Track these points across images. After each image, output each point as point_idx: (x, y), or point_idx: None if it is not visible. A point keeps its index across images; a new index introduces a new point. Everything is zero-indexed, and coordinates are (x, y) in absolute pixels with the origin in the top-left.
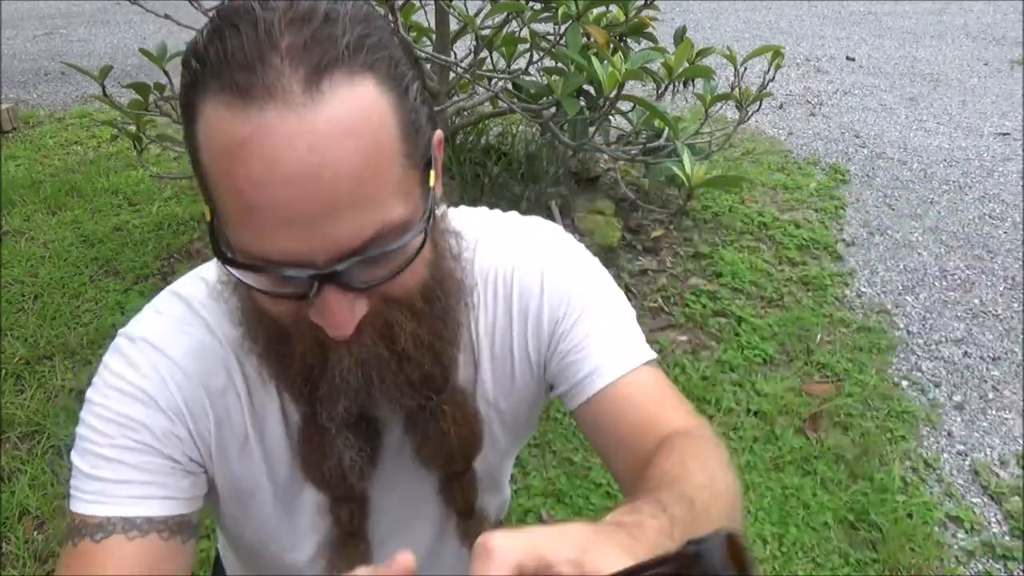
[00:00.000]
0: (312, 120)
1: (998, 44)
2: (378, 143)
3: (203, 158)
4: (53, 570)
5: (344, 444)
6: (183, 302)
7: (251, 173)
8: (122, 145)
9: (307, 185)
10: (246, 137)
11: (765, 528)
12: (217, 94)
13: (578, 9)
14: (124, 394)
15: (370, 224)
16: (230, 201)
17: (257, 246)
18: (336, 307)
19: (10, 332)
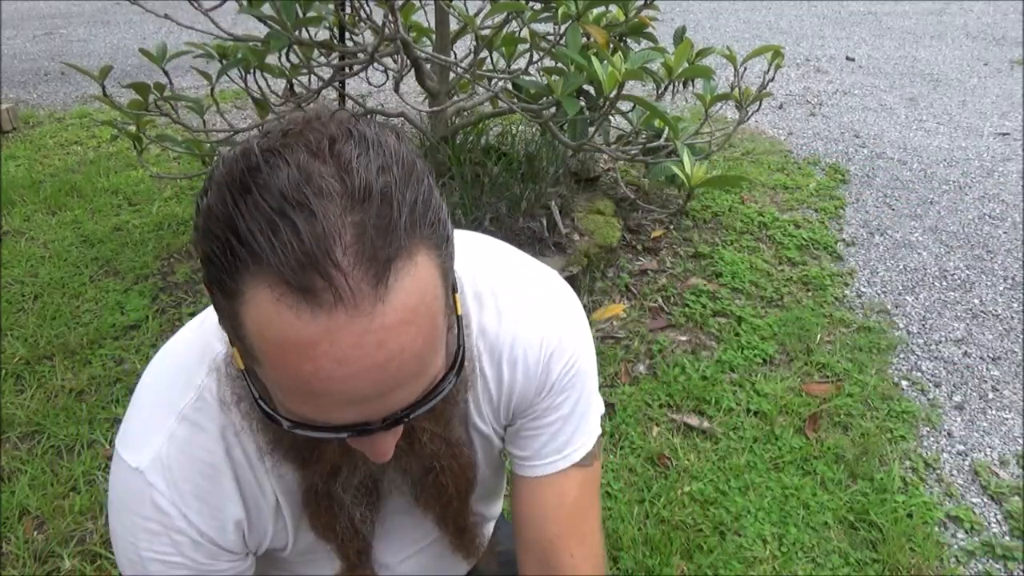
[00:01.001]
0: (381, 319)
1: (998, 44)
2: (433, 317)
3: (252, 337)
4: (53, 570)
5: (353, 503)
6: (181, 418)
7: (319, 371)
8: (122, 145)
9: (373, 374)
10: (314, 340)
11: (765, 528)
12: (274, 289)
13: (578, 9)
14: (155, 535)
15: (422, 386)
16: (289, 385)
17: (316, 415)
18: (379, 444)
19: (10, 332)
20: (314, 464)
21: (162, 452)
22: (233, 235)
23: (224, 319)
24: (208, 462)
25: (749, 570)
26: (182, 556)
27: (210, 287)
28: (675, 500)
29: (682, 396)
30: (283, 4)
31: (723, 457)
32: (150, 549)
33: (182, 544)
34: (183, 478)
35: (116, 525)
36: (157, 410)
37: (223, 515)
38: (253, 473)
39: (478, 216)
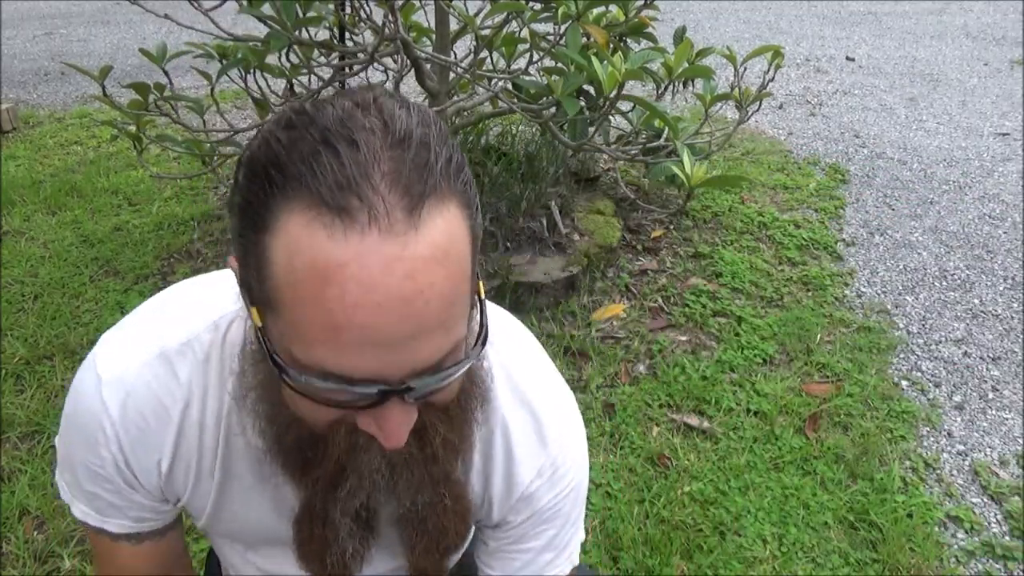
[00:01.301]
0: (413, 247)
1: (998, 44)
2: (463, 267)
3: (279, 271)
4: (53, 570)
5: (347, 534)
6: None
7: (346, 295)
8: (122, 145)
9: (401, 309)
10: (345, 260)
11: (765, 528)
12: (308, 210)
13: (578, 9)
14: (92, 445)
15: (447, 343)
16: (314, 318)
17: (334, 363)
18: (396, 420)
19: (10, 332)
20: (317, 467)
21: (128, 374)
22: (273, 166)
23: (250, 268)
24: (164, 404)
25: (749, 570)
26: (105, 471)
27: (240, 235)
28: (675, 500)
29: (682, 396)
30: (283, 4)
31: (723, 457)
32: (82, 452)
33: (107, 462)
34: (134, 407)
35: (65, 418)
36: (146, 335)
37: (151, 457)
38: (200, 441)
39: None
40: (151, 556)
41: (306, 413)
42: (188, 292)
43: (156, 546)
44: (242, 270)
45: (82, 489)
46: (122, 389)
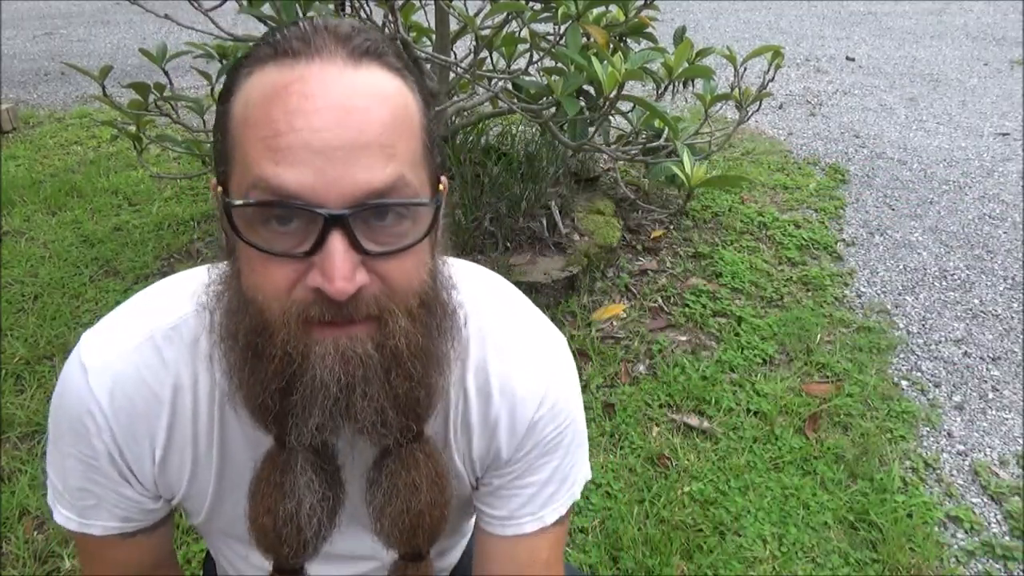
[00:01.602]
0: (351, 77)
1: (998, 44)
2: (407, 113)
3: (236, 116)
4: (53, 570)
5: (307, 487)
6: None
7: (288, 104)
8: (122, 145)
9: (338, 118)
10: (289, 81)
11: (765, 528)
12: (267, 59)
13: (578, 9)
14: (81, 436)
15: (388, 173)
16: (260, 133)
17: (274, 174)
18: (340, 256)
19: (10, 332)
20: (270, 362)
21: (116, 361)
22: (242, 59)
23: (217, 148)
24: (154, 392)
25: (749, 570)
26: (98, 463)
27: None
28: (675, 500)
29: (682, 396)
30: (283, 4)
31: (723, 457)
32: (73, 445)
33: (100, 454)
34: (123, 395)
35: (52, 412)
36: (133, 322)
37: (144, 447)
38: (194, 426)
39: (478, 216)
40: (142, 550)
41: (259, 283)
42: (173, 282)
43: (148, 539)
44: (215, 160)
45: (70, 488)
46: (109, 376)
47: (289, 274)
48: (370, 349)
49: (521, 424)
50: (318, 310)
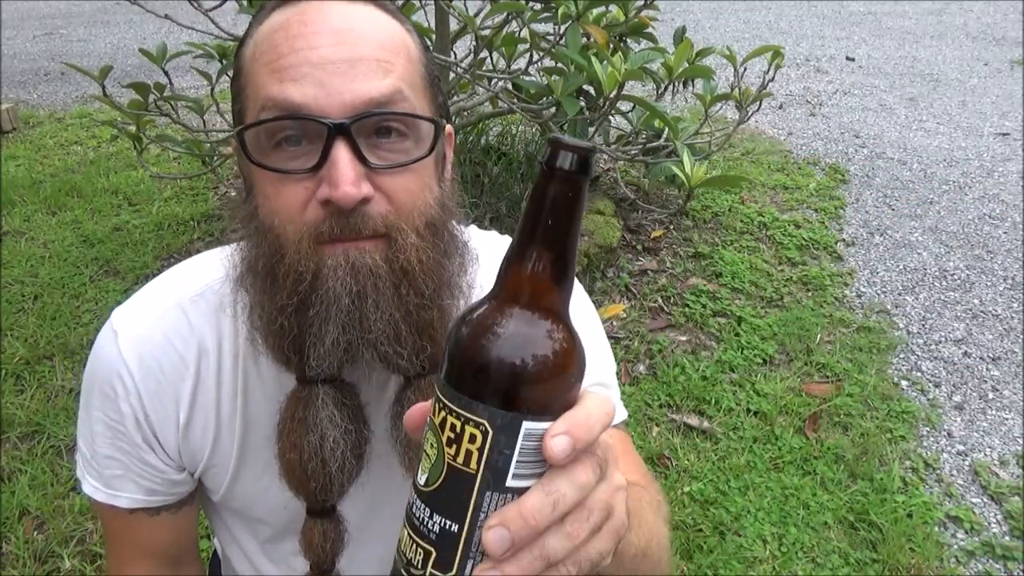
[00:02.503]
0: (347, 8)
1: (998, 44)
2: (403, 42)
3: (247, 57)
4: (53, 570)
5: (328, 420)
6: (179, 310)
7: (289, 31)
8: (122, 145)
9: (335, 36)
10: (290, 16)
11: (765, 528)
12: (273, 10)
13: (578, 9)
14: (110, 399)
15: (387, 84)
16: (266, 61)
17: (279, 91)
18: (344, 163)
19: (10, 332)
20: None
21: (144, 325)
22: (252, 19)
23: (234, 94)
24: (180, 354)
25: (749, 570)
26: (124, 427)
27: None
28: (675, 500)
29: (682, 396)
30: None
31: (723, 457)
32: (101, 408)
33: (127, 417)
34: (151, 357)
35: (85, 377)
36: (162, 291)
37: (169, 409)
38: (217, 389)
39: (478, 216)
40: (168, 529)
41: (274, 207)
42: (198, 258)
43: (173, 519)
44: (233, 113)
45: (98, 456)
46: (138, 340)
47: (300, 193)
48: (379, 261)
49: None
50: (328, 226)
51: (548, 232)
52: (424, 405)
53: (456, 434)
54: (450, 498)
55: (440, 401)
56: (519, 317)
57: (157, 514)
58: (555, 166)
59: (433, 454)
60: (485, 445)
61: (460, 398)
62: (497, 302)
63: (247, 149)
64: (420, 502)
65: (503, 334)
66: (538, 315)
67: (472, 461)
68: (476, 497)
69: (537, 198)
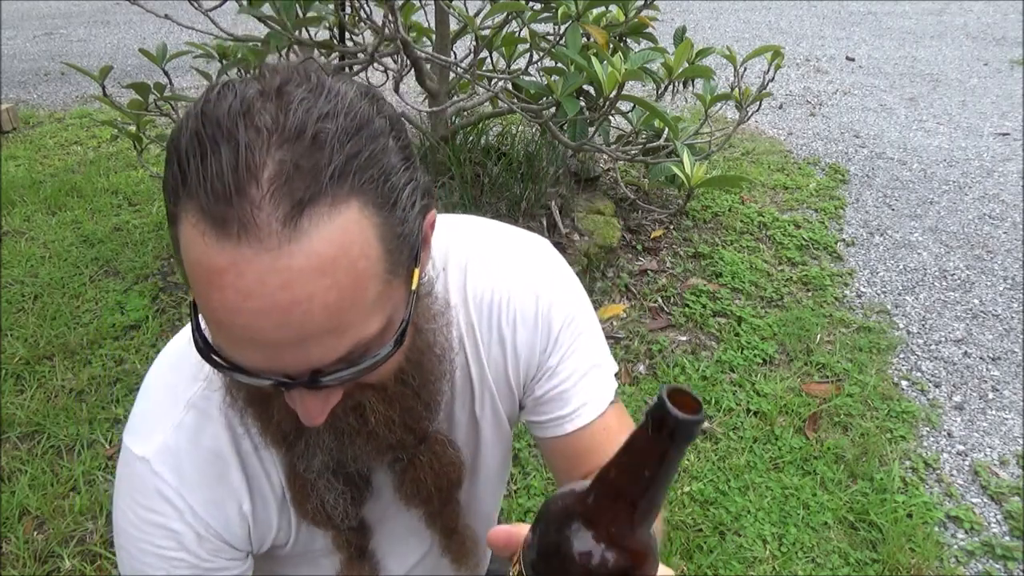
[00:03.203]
0: (288, 259)
1: (998, 44)
2: (356, 274)
3: (185, 264)
4: (53, 570)
5: (325, 487)
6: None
7: (225, 301)
8: (122, 145)
9: (279, 317)
10: (221, 269)
11: (765, 528)
12: (194, 215)
13: (578, 9)
14: (158, 527)
15: (343, 346)
16: (207, 314)
17: (229, 353)
18: (308, 404)
19: (10, 332)
20: (271, 423)
21: (169, 441)
22: (175, 159)
23: (175, 249)
24: (215, 451)
25: (749, 570)
26: (184, 551)
27: (168, 221)
28: (675, 500)
29: None
30: (283, 4)
31: (723, 457)
32: (151, 543)
33: (185, 537)
34: (190, 467)
35: (119, 518)
36: (165, 400)
37: (229, 507)
38: (261, 463)
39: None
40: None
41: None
42: (174, 353)
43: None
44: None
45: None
46: (171, 456)
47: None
48: (353, 423)
49: (530, 320)
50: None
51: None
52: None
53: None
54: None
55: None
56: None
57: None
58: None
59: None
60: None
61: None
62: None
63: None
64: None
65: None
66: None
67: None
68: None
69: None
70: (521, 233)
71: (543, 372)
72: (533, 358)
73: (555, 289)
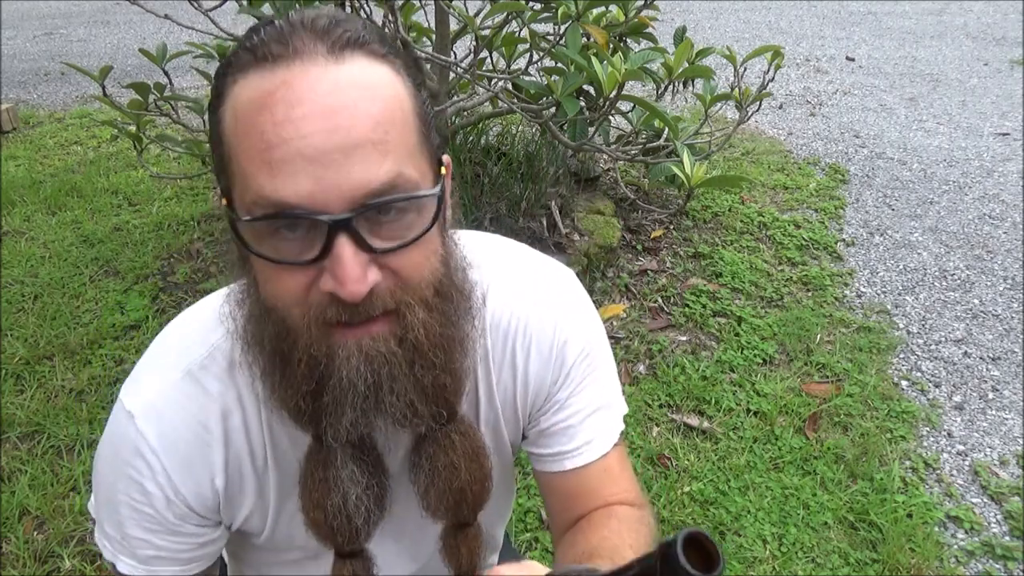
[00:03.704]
0: (335, 74)
1: (998, 44)
2: (397, 102)
3: (227, 127)
4: (53, 570)
5: (350, 479)
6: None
7: (275, 114)
8: (122, 145)
9: (326, 120)
10: (271, 89)
11: (765, 528)
12: (249, 66)
13: (578, 9)
14: (133, 481)
15: (385, 171)
16: (252, 147)
17: (272, 189)
18: (349, 260)
19: (10, 332)
20: (296, 366)
21: (159, 401)
22: (225, 63)
23: (213, 139)
24: (202, 422)
25: (749, 570)
26: (152, 509)
27: (210, 140)
28: (675, 500)
29: (682, 396)
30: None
31: (723, 457)
32: (125, 493)
33: (155, 498)
34: (173, 431)
35: (99, 461)
36: (166, 360)
37: (202, 479)
38: (248, 442)
39: (478, 216)
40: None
41: (275, 292)
42: (195, 313)
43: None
44: (216, 171)
45: (128, 538)
46: (156, 417)
47: (302, 279)
48: (392, 346)
49: (545, 349)
50: (335, 311)
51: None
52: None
53: None
54: None
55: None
56: None
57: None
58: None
59: None
60: None
61: None
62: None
63: (242, 237)
64: None
65: None
66: None
67: None
68: None
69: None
70: (547, 260)
71: (551, 404)
72: (543, 389)
73: (574, 322)
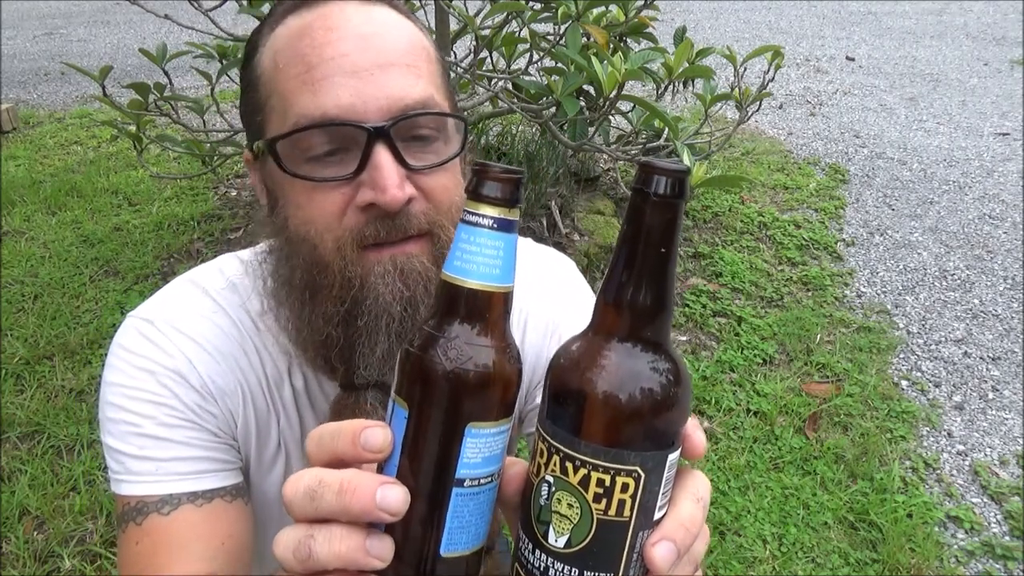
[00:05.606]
0: (367, 12)
1: (998, 44)
2: (422, 43)
3: (266, 68)
4: (53, 570)
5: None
6: (199, 288)
7: (315, 39)
8: (122, 145)
9: (362, 40)
10: (310, 23)
11: (765, 528)
12: (287, 13)
13: (578, 9)
14: (152, 373)
15: (419, 90)
16: (294, 72)
17: (315, 106)
18: (388, 165)
19: (10, 332)
20: (330, 297)
21: (178, 314)
22: (260, 24)
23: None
24: (225, 331)
25: (749, 570)
26: (176, 399)
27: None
28: None
29: None
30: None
31: (723, 457)
32: (145, 389)
33: (187, 391)
34: (196, 332)
35: (110, 376)
36: (185, 288)
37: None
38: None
39: None
40: (218, 528)
41: (309, 216)
42: (215, 261)
43: (226, 513)
44: (245, 124)
45: (150, 438)
46: (180, 320)
47: (337, 200)
48: (427, 263)
49: (541, 325)
50: (372, 229)
51: (648, 260)
52: (519, 473)
53: (606, 488)
54: (603, 551)
55: (575, 460)
56: (646, 358)
57: (209, 503)
58: (650, 191)
59: (575, 515)
60: (639, 490)
61: (608, 451)
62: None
63: (280, 160)
64: (562, 564)
65: (646, 381)
66: (659, 351)
67: (625, 509)
68: (630, 540)
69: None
70: (547, 250)
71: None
72: (540, 364)
73: (571, 302)
